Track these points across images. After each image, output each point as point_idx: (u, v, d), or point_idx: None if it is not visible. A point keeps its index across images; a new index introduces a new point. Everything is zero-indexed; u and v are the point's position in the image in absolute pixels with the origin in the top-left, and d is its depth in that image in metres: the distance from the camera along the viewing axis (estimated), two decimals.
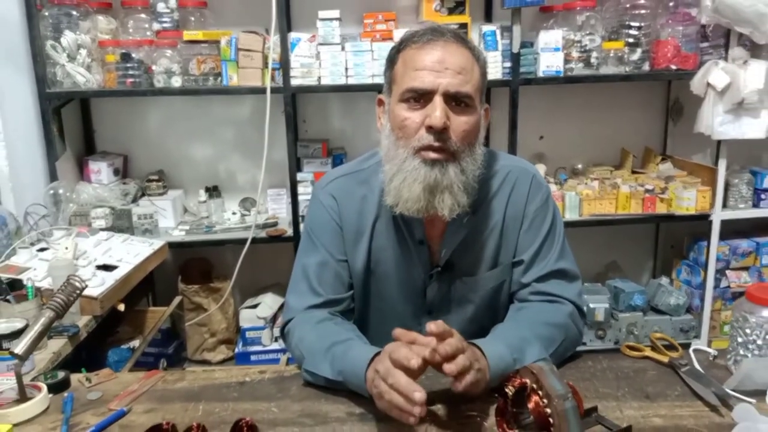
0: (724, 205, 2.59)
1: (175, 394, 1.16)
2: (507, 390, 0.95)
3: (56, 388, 1.17)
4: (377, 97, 1.28)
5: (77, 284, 1.22)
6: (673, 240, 2.96)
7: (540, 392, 0.90)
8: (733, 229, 2.71)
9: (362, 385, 1.05)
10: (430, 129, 1.13)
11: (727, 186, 2.59)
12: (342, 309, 1.30)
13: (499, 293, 1.32)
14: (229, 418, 1.06)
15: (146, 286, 2.39)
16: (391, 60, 1.21)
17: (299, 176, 2.48)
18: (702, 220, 2.57)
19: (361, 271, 1.30)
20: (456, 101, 1.15)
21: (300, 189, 2.44)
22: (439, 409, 1.07)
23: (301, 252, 1.33)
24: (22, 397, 1.10)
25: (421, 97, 1.14)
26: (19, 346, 1.12)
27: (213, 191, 2.66)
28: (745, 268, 2.70)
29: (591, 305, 2.56)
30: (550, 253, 1.28)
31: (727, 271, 2.68)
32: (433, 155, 1.14)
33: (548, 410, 0.88)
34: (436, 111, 1.12)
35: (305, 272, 1.29)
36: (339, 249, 1.29)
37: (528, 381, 0.92)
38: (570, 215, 2.53)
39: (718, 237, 2.57)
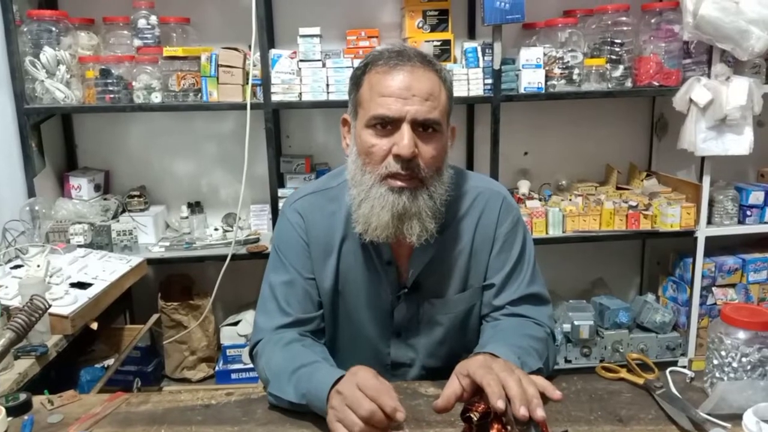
0: (710, 222, 2.58)
1: (138, 417, 1.13)
2: (471, 415, 0.92)
3: (17, 410, 1.13)
4: (342, 117, 1.26)
5: (39, 304, 1.20)
6: (659, 256, 2.95)
7: (503, 419, 0.88)
8: (719, 246, 2.70)
9: (323, 408, 1.02)
10: (397, 157, 1.11)
11: (712, 202, 2.58)
12: (312, 329, 1.27)
13: (470, 316, 1.31)
14: None
15: (123, 304, 2.36)
16: (357, 81, 1.19)
17: (281, 192, 2.46)
18: (687, 236, 2.56)
19: (329, 291, 1.28)
20: (423, 127, 1.13)
21: (281, 205, 2.42)
22: None
23: (269, 270, 1.31)
24: None
25: (388, 124, 1.13)
26: None
27: (195, 207, 2.64)
28: (732, 285, 2.69)
29: (576, 322, 2.54)
30: (522, 276, 1.27)
31: (714, 288, 2.66)
32: (400, 183, 1.13)
33: None
34: (404, 140, 1.10)
35: (273, 291, 1.27)
36: (306, 267, 1.27)
37: (491, 407, 0.90)
38: (553, 231, 2.52)
39: (703, 254, 2.56)
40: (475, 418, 0.92)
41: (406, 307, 1.28)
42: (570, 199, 2.64)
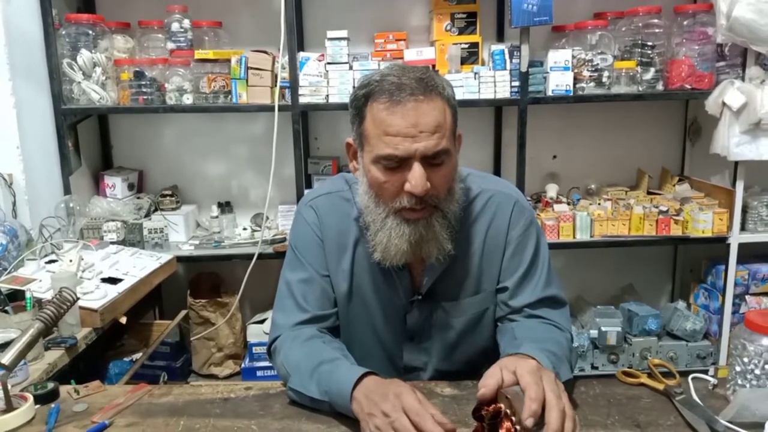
0: (743, 228, 2.52)
1: (158, 409, 1.16)
2: (483, 414, 0.93)
3: (44, 398, 1.18)
4: (346, 141, 1.23)
5: (68, 296, 1.23)
6: (691, 263, 2.88)
7: (513, 418, 0.88)
8: (753, 254, 2.62)
9: (347, 406, 1.04)
10: (410, 194, 1.10)
11: (746, 208, 2.51)
12: (329, 325, 1.29)
13: (482, 319, 1.30)
14: None
15: (153, 300, 2.41)
16: (359, 113, 1.15)
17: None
18: (719, 243, 2.50)
19: (344, 292, 1.29)
20: (434, 158, 1.11)
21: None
22: None
23: (285, 268, 1.32)
24: (8, 407, 1.11)
25: (398, 162, 1.10)
26: (6, 357, 1.13)
27: (225, 207, 2.69)
28: (766, 294, 2.61)
29: (603, 328, 2.50)
30: (537, 278, 1.26)
31: (747, 296, 2.59)
32: (414, 215, 1.13)
33: None
34: (416, 179, 1.08)
35: (290, 289, 1.28)
36: (322, 264, 1.29)
37: (502, 406, 0.90)
38: (581, 236, 2.48)
39: (736, 261, 2.49)
40: (487, 418, 0.92)
41: (419, 312, 1.28)
42: (599, 204, 2.60)
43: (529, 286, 1.25)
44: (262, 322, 2.63)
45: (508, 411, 0.89)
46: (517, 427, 0.86)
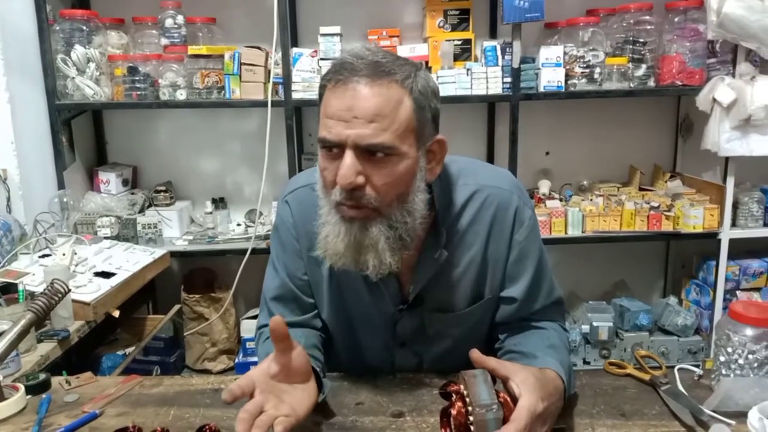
0: (734, 224, 2.54)
1: (149, 399, 1.17)
2: (451, 392, 0.94)
3: (36, 389, 1.18)
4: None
5: (59, 287, 1.24)
6: (683, 259, 2.90)
7: (467, 400, 0.89)
8: (744, 249, 2.64)
9: None
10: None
11: (736, 204, 2.53)
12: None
13: (481, 325, 1.23)
14: (197, 424, 1.06)
15: (147, 295, 2.42)
16: (320, 96, 1.05)
17: None
18: (710, 238, 2.51)
19: (325, 295, 1.21)
20: (371, 151, 0.97)
21: None
22: (407, 421, 1.06)
23: (267, 267, 1.27)
24: (0, 397, 1.12)
25: (334, 148, 0.99)
26: None
27: (219, 203, 2.69)
28: (757, 289, 2.63)
29: (594, 324, 2.52)
30: (545, 285, 1.19)
31: (738, 292, 2.61)
32: (348, 213, 1.01)
33: (471, 418, 0.87)
34: (343, 168, 0.96)
35: (265, 295, 1.25)
36: (297, 266, 1.20)
37: (461, 387, 0.91)
38: (572, 231, 2.50)
39: (726, 256, 2.51)
40: (454, 397, 0.93)
41: (410, 321, 1.19)
42: (591, 200, 2.62)
43: (538, 296, 1.18)
44: (256, 317, 2.63)
45: (465, 392, 0.90)
46: (469, 409, 0.87)
